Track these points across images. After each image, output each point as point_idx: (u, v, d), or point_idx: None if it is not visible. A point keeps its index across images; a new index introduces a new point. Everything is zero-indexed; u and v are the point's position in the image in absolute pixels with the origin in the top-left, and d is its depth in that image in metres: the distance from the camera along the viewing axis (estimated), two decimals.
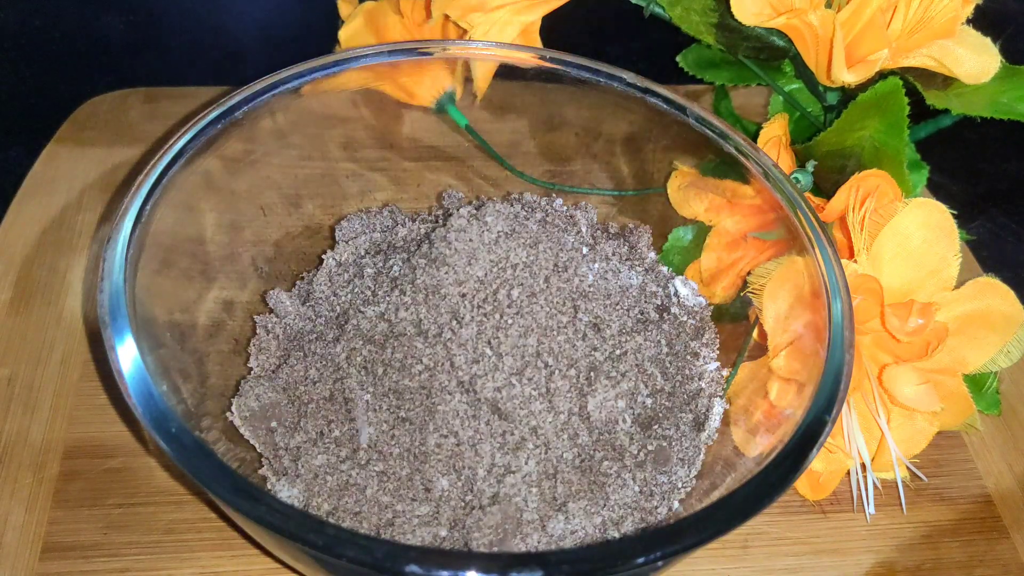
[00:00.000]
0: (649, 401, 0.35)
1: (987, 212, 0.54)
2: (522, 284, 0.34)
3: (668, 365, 0.37)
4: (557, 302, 0.34)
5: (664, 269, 0.42)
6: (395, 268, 0.37)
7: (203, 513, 0.35)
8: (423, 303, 0.34)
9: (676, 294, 0.40)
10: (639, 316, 0.37)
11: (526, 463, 0.32)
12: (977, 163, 0.58)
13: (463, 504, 0.32)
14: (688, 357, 0.38)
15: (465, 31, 0.42)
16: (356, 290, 0.37)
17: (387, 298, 0.35)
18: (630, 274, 0.39)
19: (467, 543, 0.31)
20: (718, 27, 0.41)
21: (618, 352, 0.35)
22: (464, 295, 0.34)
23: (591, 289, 0.36)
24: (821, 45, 0.38)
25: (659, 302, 0.39)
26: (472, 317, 0.33)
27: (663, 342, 0.37)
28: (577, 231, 0.40)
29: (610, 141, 0.44)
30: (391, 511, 0.32)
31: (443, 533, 0.31)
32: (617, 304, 0.37)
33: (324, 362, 0.35)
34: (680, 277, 0.41)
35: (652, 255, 0.42)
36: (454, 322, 0.33)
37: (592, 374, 0.34)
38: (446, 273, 0.34)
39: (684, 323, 0.39)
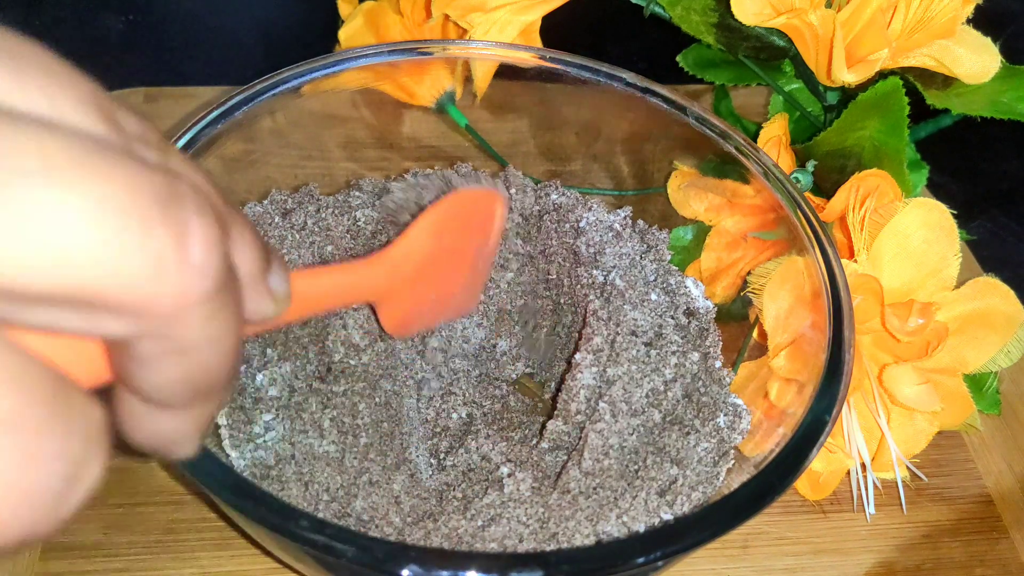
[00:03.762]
0: (667, 409, 0.35)
1: (987, 212, 0.54)
2: None
3: (697, 376, 0.36)
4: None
5: (677, 271, 0.41)
6: None
7: (203, 513, 0.35)
8: None
9: (690, 296, 0.39)
10: (676, 322, 0.37)
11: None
12: (977, 163, 0.58)
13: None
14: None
15: (465, 31, 0.42)
16: None
17: None
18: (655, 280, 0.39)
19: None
20: (718, 27, 0.41)
21: (656, 364, 0.35)
22: None
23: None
24: (821, 45, 0.38)
25: (686, 307, 0.38)
26: None
27: (697, 355, 0.36)
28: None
29: (610, 141, 0.44)
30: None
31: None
32: (652, 310, 0.36)
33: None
34: (691, 279, 0.41)
35: (668, 256, 0.41)
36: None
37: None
38: None
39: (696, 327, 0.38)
